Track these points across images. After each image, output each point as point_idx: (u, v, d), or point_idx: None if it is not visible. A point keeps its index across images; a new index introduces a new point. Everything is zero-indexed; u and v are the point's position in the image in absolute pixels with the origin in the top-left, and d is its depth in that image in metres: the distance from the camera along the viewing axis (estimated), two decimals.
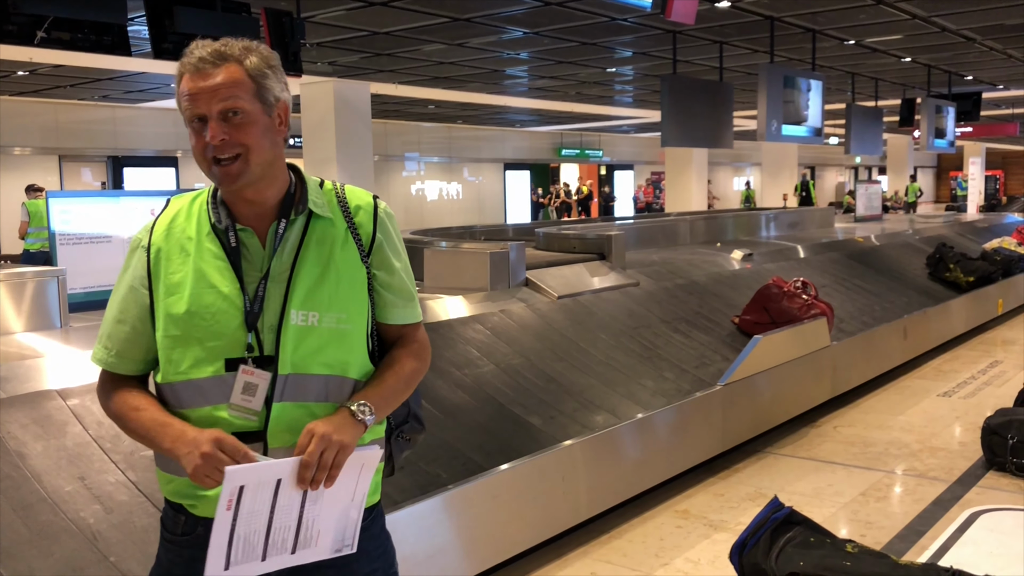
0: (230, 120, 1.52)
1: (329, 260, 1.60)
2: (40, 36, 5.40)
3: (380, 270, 1.66)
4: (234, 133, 1.52)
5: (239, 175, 1.53)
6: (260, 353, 1.55)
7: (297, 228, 1.60)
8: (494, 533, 3.47)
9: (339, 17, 9.02)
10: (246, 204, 1.59)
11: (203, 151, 1.53)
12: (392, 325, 1.69)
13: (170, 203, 1.65)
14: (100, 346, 1.63)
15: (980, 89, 16.02)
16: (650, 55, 12.02)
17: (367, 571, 1.64)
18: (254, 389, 1.53)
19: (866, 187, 13.27)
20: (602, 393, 4.49)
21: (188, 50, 1.55)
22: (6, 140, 15.91)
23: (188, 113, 1.53)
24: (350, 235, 1.63)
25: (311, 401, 1.56)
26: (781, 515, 3.19)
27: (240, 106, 1.52)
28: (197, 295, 1.55)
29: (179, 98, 1.55)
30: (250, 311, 1.54)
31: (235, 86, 1.52)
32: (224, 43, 1.55)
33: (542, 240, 6.81)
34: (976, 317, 8.77)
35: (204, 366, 1.54)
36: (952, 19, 10.07)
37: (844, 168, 35.99)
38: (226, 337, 1.54)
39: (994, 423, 4.70)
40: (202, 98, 1.51)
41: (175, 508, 1.62)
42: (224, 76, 1.52)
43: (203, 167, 1.56)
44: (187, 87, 1.53)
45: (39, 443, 2.76)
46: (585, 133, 26.99)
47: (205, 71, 1.51)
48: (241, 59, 1.54)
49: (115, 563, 2.50)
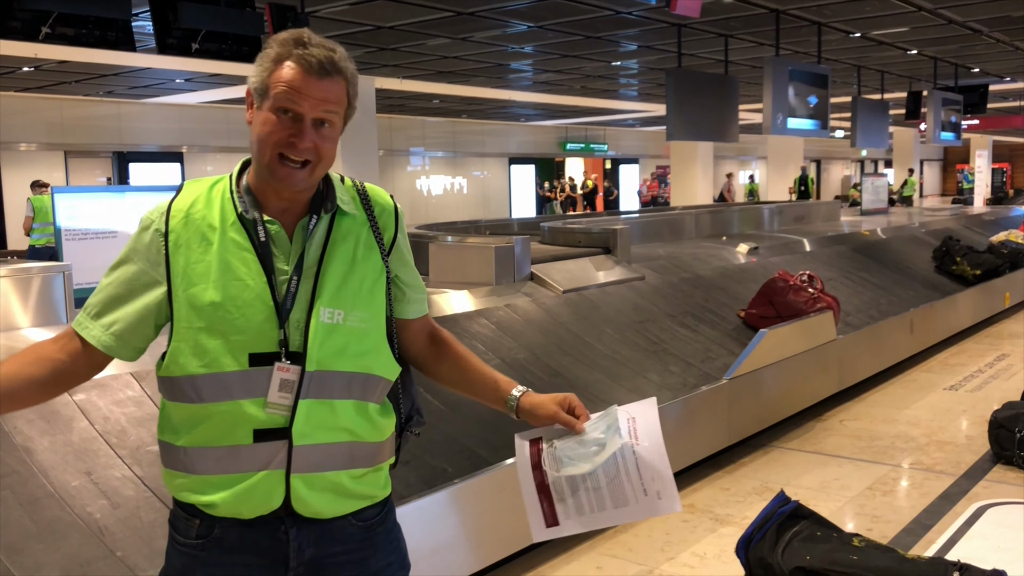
0: (319, 130, 1.51)
1: (354, 259, 1.59)
2: (45, 32, 5.40)
3: (400, 270, 1.67)
4: (319, 143, 1.51)
5: (301, 181, 1.52)
6: (287, 349, 1.52)
7: (324, 224, 1.58)
8: (500, 527, 3.47)
9: (343, 12, 9.01)
10: (277, 199, 1.56)
11: (276, 142, 1.50)
12: (412, 320, 1.71)
13: (184, 187, 1.61)
14: (96, 323, 1.55)
15: (987, 81, 15.94)
16: (655, 48, 11.98)
17: (383, 565, 1.64)
18: (291, 386, 1.51)
19: (872, 180, 13.23)
20: (608, 387, 4.48)
21: (298, 38, 1.50)
22: (12, 136, 15.94)
23: (281, 103, 1.49)
24: (372, 235, 1.62)
25: (335, 398, 1.55)
26: (787, 509, 3.18)
27: (334, 120, 1.53)
28: (223, 287, 1.51)
29: (275, 82, 1.49)
30: (282, 307, 1.52)
31: (338, 103, 1.53)
32: (331, 47, 1.52)
33: (547, 234, 6.79)
34: (983, 310, 8.74)
35: (228, 360, 1.51)
36: (959, 11, 10.02)
37: (850, 161, 35.89)
38: (251, 331, 1.51)
39: (1001, 417, 4.69)
40: (308, 101, 1.49)
41: (187, 511, 1.56)
42: (335, 89, 1.51)
43: (263, 155, 1.51)
44: (296, 82, 1.48)
45: (45, 438, 2.76)
46: (590, 127, 26.95)
47: (322, 77, 1.49)
48: (347, 74, 1.53)
49: (122, 558, 2.50)
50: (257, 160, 1.54)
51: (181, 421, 1.55)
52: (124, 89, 15.48)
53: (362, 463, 1.59)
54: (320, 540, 1.56)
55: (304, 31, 1.53)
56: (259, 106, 1.52)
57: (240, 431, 1.51)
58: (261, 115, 1.51)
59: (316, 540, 1.56)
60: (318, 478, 1.53)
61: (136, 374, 3.11)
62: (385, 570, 1.64)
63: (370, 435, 1.59)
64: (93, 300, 1.58)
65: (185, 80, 14.20)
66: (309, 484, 1.53)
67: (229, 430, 1.51)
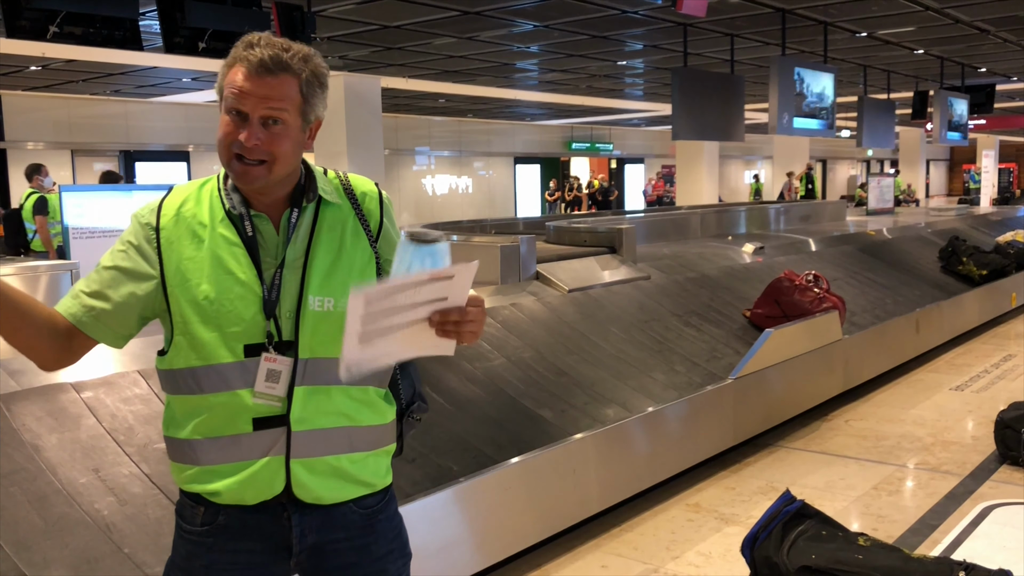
0: (268, 127, 1.54)
1: (341, 246, 1.63)
2: (52, 31, 5.42)
3: (389, 255, 1.70)
4: (268, 140, 1.54)
5: (257, 178, 1.56)
6: (279, 339, 1.57)
7: (308, 215, 1.63)
8: (505, 526, 3.48)
9: (349, 11, 9.02)
10: (260, 194, 1.61)
11: (230, 143, 1.54)
12: None
13: (174, 189, 1.65)
14: (76, 301, 1.58)
15: (994, 81, 15.90)
16: (661, 48, 11.98)
17: (385, 551, 1.68)
18: (277, 376, 1.56)
19: (878, 180, 13.21)
20: (613, 386, 4.49)
21: (248, 41, 1.54)
22: (19, 135, 15.98)
23: (229, 104, 1.54)
24: (359, 222, 1.66)
25: (331, 384, 1.59)
26: (793, 508, 3.18)
27: (283, 118, 1.54)
28: (215, 281, 1.56)
29: (225, 85, 1.55)
30: (268, 299, 1.57)
31: (285, 99, 1.54)
32: (285, 47, 1.54)
33: (553, 234, 6.80)
34: (989, 310, 8.72)
35: (224, 352, 1.55)
36: (965, 10, 9.99)
37: (856, 161, 35.80)
38: (245, 323, 1.56)
39: (1007, 417, 4.68)
40: (251, 99, 1.52)
41: (193, 499, 1.62)
42: (279, 86, 1.53)
43: (222, 155, 1.57)
44: (239, 83, 1.52)
45: (54, 435, 2.78)
46: (596, 127, 26.93)
47: (263, 75, 1.52)
48: (299, 72, 1.55)
49: (129, 554, 2.52)
50: (223, 163, 1.59)
51: (184, 414, 1.60)
52: (131, 88, 15.52)
53: (361, 447, 1.63)
54: (322, 526, 1.61)
55: (258, 35, 1.56)
56: (220, 110, 1.58)
57: (240, 420, 1.56)
58: (221, 118, 1.57)
59: (318, 526, 1.61)
60: (318, 462, 1.58)
61: (143, 372, 3.13)
62: (387, 557, 1.68)
63: (368, 419, 1.64)
64: (80, 283, 1.64)
65: (192, 79, 14.22)
66: (309, 469, 1.58)
67: (230, 420, 1.56)
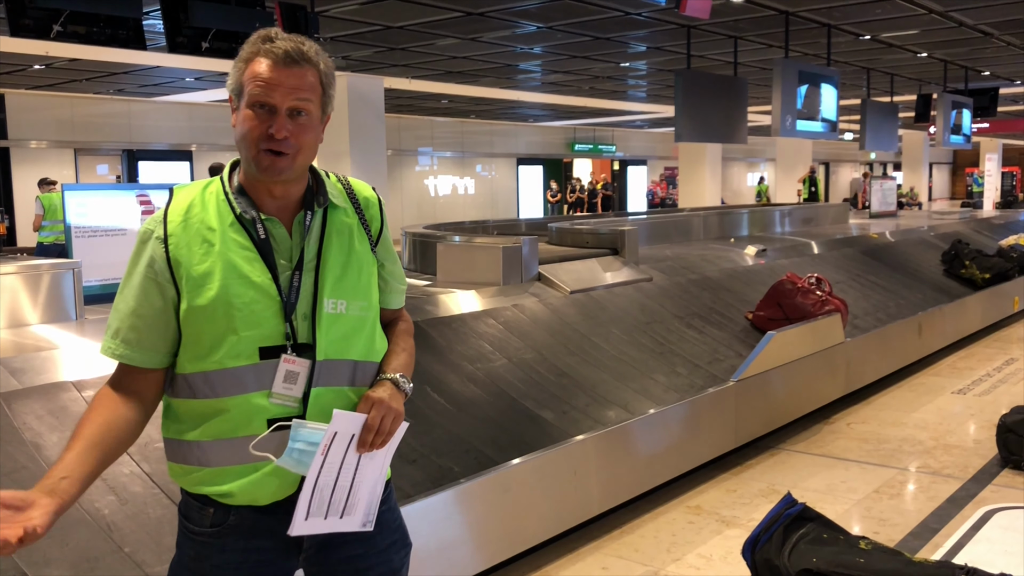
0: (295, 119, 1.56)
1: (350, 251, 1.66)
2: (56, 30, 5.42)
3: (386, 260, 1.75)
4: (296, 132, 1.57)
5: (284, 170, 1.58)
6: (295, 341, 1.58)
7: (318, 219, 1.65)
8: (505, 527, 3.47)
9: (353, 11, 9.02)
10: (270, 197, 1.62)
11: (258, 137, 1.55)
12: (390, 310, 1.79)
13: (175, 193, 1.64)
14: (116, 340, 1.58)
15: (997, 85, 15.88)
16: (664, 50, 11.97)
17: (387, 543, 1.71)
18: (295, 377, 1.57)
19: (881, 183, 13.19)
20: (614, 388, 4.48)
21: (263, 35, 1.57)
22: (22, 134, 16.00)
23: (256, 98, 1.55)
24: (362, 227, 1.69)
25: (345, 385, 1.62)
26: (794, 511, 3.18)
27: (309, 108, 1.58)
28: (229, 286, 1.56)
29: (246, 80, 1.56)
30: (287, 302, 1.58)
31: (311, 90, 1.58)
32: (301, 41, 1.58)
33: (555, 235, 6.80)
34: (992, 314, 8.71)
35: (240, 355, 1.56)
36: (969, 14, 9.98)
37: (859, 164, 35.78)
38: (260, 327, 1.56)
39: (1009, 421, 4.67)
40: (280, 91, 1.55)
41: (200, 500, 1.61)
42: (304, 76, 1.57)
43: (248, 150, 1.57)
44: (266, 75, 1.55)
45: (55, 434, 2.78)
46: (598, 128, 26.92)
47: (290, 66, 1.55)
48: (318, 64, 1.59)
49: (130, 554, 2.51)
50: (244, 157, 1.60)
51: (192, 417, 1.59)
52: (134, 87, 15.53)
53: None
54: None
55: (271, 29, 1.59)
56: (238, 106, 1.59)
57: (255, 422, 1.56)
58: (241, 114, 1.58)
59: None
60: None
61: None
62: (390, 548, 1.71)
63: None
64: (114, 323, 1.60)
65: (195, 79, 14.23)
66: None
67: (245, 422, 1.56)
